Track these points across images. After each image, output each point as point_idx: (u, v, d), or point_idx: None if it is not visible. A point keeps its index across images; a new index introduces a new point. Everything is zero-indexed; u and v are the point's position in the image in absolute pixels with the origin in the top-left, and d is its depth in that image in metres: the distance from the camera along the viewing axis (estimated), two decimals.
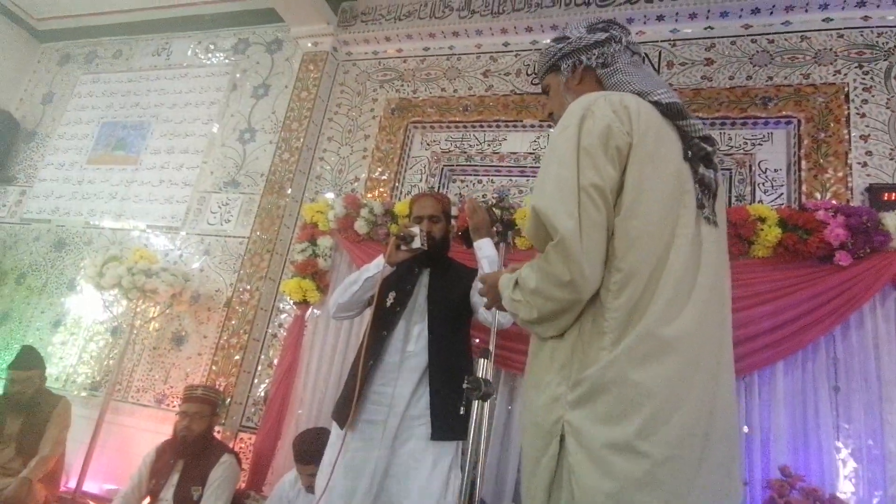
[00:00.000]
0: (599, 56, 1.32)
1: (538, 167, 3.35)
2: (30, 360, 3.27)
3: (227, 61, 4.53)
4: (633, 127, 1.11)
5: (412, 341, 2.05)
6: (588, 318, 1.08)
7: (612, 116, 1.12)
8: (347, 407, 1.97)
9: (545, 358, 1.13)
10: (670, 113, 1.21)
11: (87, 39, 5.15)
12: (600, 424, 1.00)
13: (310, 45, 4.11)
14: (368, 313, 2.11)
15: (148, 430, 3.42)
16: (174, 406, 3.41)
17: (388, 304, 2.13)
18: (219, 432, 3.17)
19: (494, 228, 1.99)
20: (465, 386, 1.39)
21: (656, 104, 1.20)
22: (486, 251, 2.04)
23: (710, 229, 1.16)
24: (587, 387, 1.02)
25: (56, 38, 5.28)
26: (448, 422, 1.89)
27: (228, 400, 3.31)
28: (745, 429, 2.31)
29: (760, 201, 2.84)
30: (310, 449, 2.45)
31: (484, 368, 1.43)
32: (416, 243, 2.06)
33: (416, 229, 2.08)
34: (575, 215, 1.04)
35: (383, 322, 2.10)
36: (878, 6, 2.98)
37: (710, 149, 1.24)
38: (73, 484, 3.26)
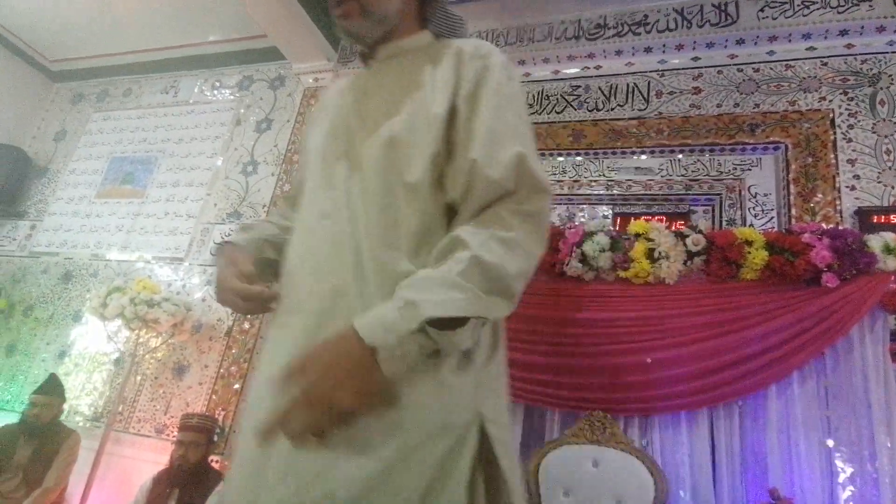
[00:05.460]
0: None
1: None
2: (53, 388, 3.38)
3: (231, 97, 4.67)
4: None
5: None
6: None
7: None
8: None
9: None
10: None
11: (98, 79, 5.34)
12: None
13: (311, 80, 4.25)
14: None
15: (148, 460, 3.42)
16: (174, 436, 3.42)
17: None
18: (217, 462, 3.18)
19: None
20: None
21: None
22: None
23: None
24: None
25: (69, 79, 5.48)
26: None
27: (227, 429, 3.32)
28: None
29: (751, 226, 2.86)
30: None
31: None
32: None
33: None
34: None
35: None
36: (860, 34, 3.05)
37: None
38: None
